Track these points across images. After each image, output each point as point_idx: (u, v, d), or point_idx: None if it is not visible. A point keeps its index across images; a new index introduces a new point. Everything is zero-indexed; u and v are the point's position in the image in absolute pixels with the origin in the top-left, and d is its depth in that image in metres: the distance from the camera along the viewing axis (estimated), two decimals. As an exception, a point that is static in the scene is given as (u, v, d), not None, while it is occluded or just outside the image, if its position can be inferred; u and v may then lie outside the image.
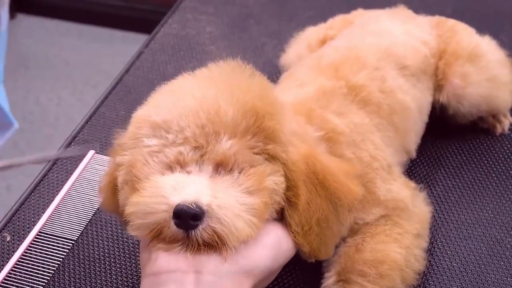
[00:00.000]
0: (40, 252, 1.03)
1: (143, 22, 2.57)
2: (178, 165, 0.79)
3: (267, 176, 0.79)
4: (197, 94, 0.81)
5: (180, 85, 0.86)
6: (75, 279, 0.99)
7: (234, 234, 0.76)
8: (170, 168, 0.79)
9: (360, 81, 1.03)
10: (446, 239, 1.03)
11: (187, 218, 0.75)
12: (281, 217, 0.83)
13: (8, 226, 1.07)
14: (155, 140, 0.80)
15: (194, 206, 0.75)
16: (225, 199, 0.76)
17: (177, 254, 0.77)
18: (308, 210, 0.82)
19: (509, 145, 1.20)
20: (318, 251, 0.85)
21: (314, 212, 0.82)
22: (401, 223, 0.95)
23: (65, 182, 1.13)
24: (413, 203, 0.99)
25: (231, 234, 0.76)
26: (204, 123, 0.78)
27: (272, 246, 0.81)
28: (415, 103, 1.08)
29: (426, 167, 1.15)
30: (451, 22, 1.23)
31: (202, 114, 0.78)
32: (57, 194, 1.11)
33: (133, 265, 1.00)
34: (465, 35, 1.20)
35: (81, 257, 1.02)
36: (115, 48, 2.83)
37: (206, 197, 0.76)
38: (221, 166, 0.79)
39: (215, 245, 0.76)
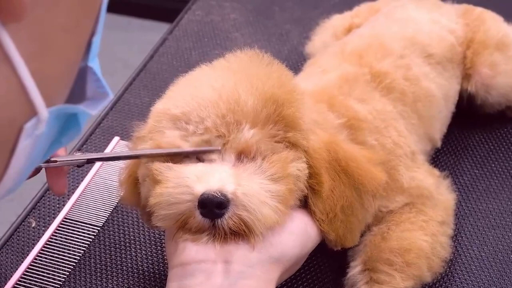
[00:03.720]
0: (66, 238, 1.02)
1: (162, 10, 2.57)
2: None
3: (290, 163, 0.79)
4: (216, 84, 0.81)
5: (198, 77, 0.86)
6: (101, 265, 0.98)
7: (261, 221, 0.76)
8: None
9: (384, 68, 1.02)
10: (474, 228, 1.02)
11: (213, 206, 0.75)
12: (305, 205, 0.83)
13: (34, 212, 1.07)
14: (177, 131, 0.80)
15: (219, 194, 0.75)
16: (250, 187, 0.76)
17: (205, 244, 0.76)
18: (332, 197, 0.82)
19: (537, 135, 1.18)
20: (344, 238, 0.84)
21: (338, 199, 0.82)
22: (425, 211, 0.95)
23: (90, 169, 1.12)
24: (437, 190, 0.98)
25: (257, 221, 0.75)
26: (224, 113, 0.78)
27: (299, 233, 0.81)
28: (440, 91, 1.07)
29: (453, 156, 1.14)
30: (479, 10, 1.22)
31: (222, 104, 0.78)
32: (82, 180, 1.11)
33: (159, 252, 1.00)
34: (493, 24, 1.19)
35: (107, 243, 1.02)
36: (133, 36, 2.83)
37: (231, 185, 0.75)
38: (244, 155, 0.79)
39: (242, 233, 0.76)
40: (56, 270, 0.98)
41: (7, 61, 0.42)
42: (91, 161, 0.85)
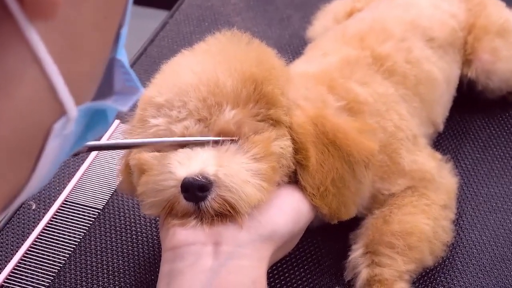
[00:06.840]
0: (66, 221, 1.02)
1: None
2: None
3: (272, 142, 0.79)
4: (196, 68, 0.82)
5: (179, 62, 0.87)
6: (101, 248, 0.98)
7: (244, 199, 0.76)
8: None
9: (385, 51, 1.02)
10: (475, 212, 1.02)
11: (195, 190, 0.75)
12: (296, 182, 0.83)
13: (34, 195, 1.07)
14: (160, 119, 0.80)
15: (200, 177, 0.75)
16: (231, 167, 0.77)
17: (193, 228, 0.77)
18: (321, 171, 0.82)
19: (538, 119, 1.18)
20: (338, 211, 0.84)
21: (328, 173, 0.82)
22: (428, 194, 0.95)
23: (91, 152, 1.12)
24: (439, 174, 0.98)
25: (241, 200, 0.76)
26: (205, 96, 0.79)
27: (290, 210, 0.81)
28: (442, 74, 1.07)
29: (454, 140, 1.14)
30: (481, -5, 1.21)
31: (202, 88, 0.79)
32: (82, 163, 1.10)
33: (159, 234, 0.99)
34: (494, 9, 1.18)
35: (107, 226, 1.01)
36: (134, 24, 2.81)
37: (212, 167, 0.76)
38: (227, 136, 0.79)
39: (227, 213, 0.76)
40: (56, 252, 0.98)
41: (36, 62, 0.40)
42: (92, 150, 0.85)
